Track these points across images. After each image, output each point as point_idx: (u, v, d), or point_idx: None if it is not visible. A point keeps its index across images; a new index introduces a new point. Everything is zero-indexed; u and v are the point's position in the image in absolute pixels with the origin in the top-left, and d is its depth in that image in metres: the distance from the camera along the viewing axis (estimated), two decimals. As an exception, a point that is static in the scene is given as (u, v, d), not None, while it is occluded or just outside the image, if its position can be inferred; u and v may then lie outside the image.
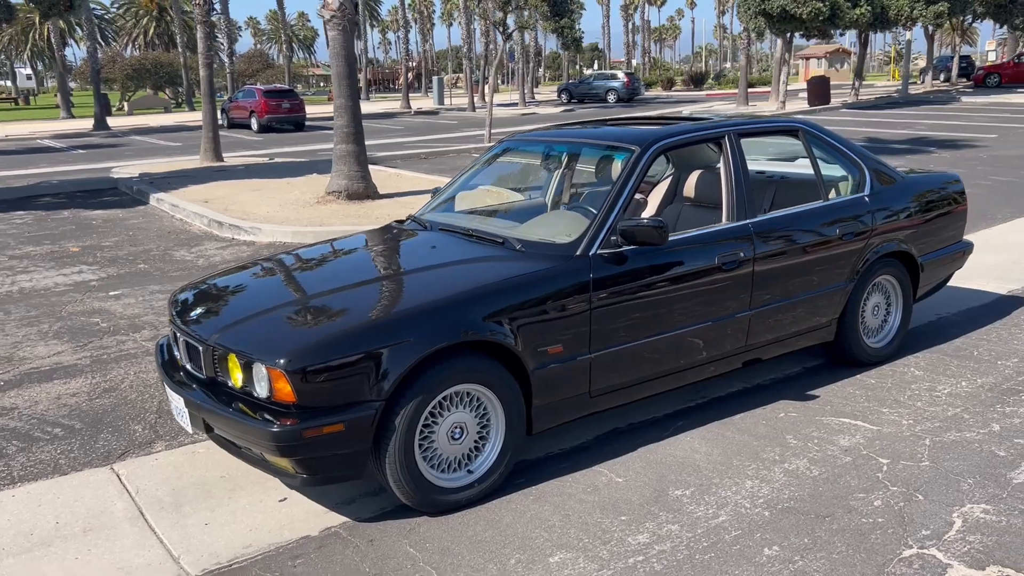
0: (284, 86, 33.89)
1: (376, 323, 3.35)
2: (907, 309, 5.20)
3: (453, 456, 3.56)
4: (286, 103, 30.41)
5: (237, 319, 3.59)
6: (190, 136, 27.43)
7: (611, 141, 4.49)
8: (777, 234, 4.47)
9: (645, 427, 4.34)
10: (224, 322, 3.60)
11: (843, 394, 4.66)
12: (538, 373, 3.66)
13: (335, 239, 4.87)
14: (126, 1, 62.42)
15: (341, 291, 3.75)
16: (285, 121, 30.24)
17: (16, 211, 11.74)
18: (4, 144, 27.52)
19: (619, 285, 3.87)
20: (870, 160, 5.07)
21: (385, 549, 3.28)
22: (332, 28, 10.13)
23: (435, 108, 40.56)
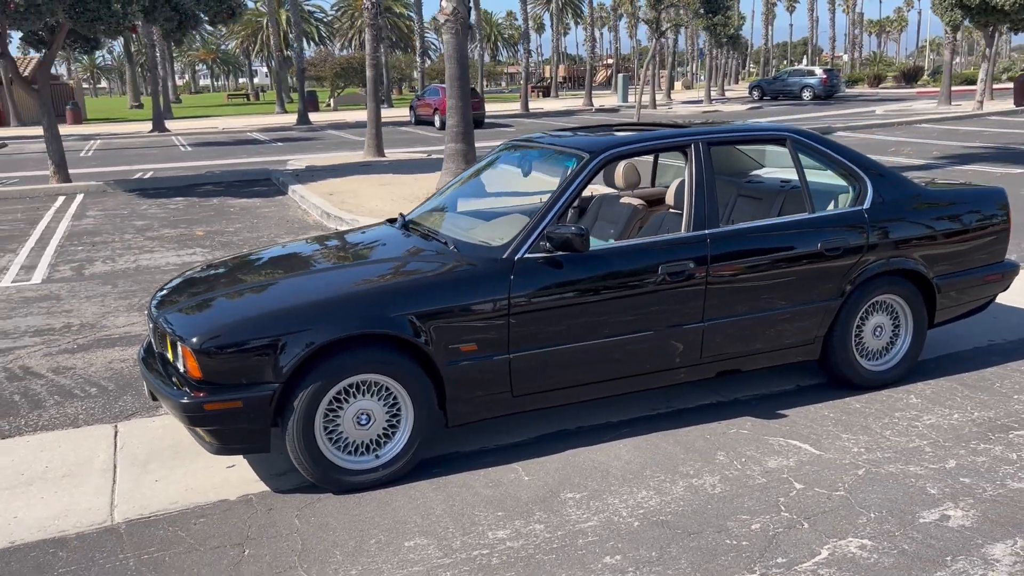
0: (466, 84, 35.06)
1: (277, 312, 3.69)
2: (919, 332, 4.86)
3: (360, 440, 3.83)
4: (466, 100, 31.56)
5: (180, 304, 4.04)
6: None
7: (565, 147, 4.55)
8: (740, 246, 4.37)
9: (592, 431, 4.40)
10: (170, 306, 4.06)
11: (814, 416, 4.47)
12: (450, 369, 3.84)
13: (323, 234, 5.26)
14: (344, 5, 66.82)
15: (273, 282, 4.12)
16: (465, 118, 31.39)
17: (176, 197, 13.22)
18: (218, 136, 30.60)
19: (544, 289, 3.97)
20: (875, 172, 4.78)
21: (276, 518, 3.61)
22: (446, 32, 10.60)
23: (616, 105, 40.56)
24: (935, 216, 4.83)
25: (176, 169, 18.27)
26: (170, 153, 24.01)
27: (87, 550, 3.41)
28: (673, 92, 54.01)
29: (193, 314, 3.83)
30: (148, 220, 11.26)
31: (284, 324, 3.62)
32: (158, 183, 14.98)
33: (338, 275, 4.20)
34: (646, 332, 4.20)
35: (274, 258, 4.70)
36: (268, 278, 4.23)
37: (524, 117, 35.78)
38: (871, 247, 4.60)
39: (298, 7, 37.27)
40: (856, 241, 4.57)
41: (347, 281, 4.01)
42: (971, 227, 4.95)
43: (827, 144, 4.75)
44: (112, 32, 12.12)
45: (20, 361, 5.80)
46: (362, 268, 4.22)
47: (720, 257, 4.29)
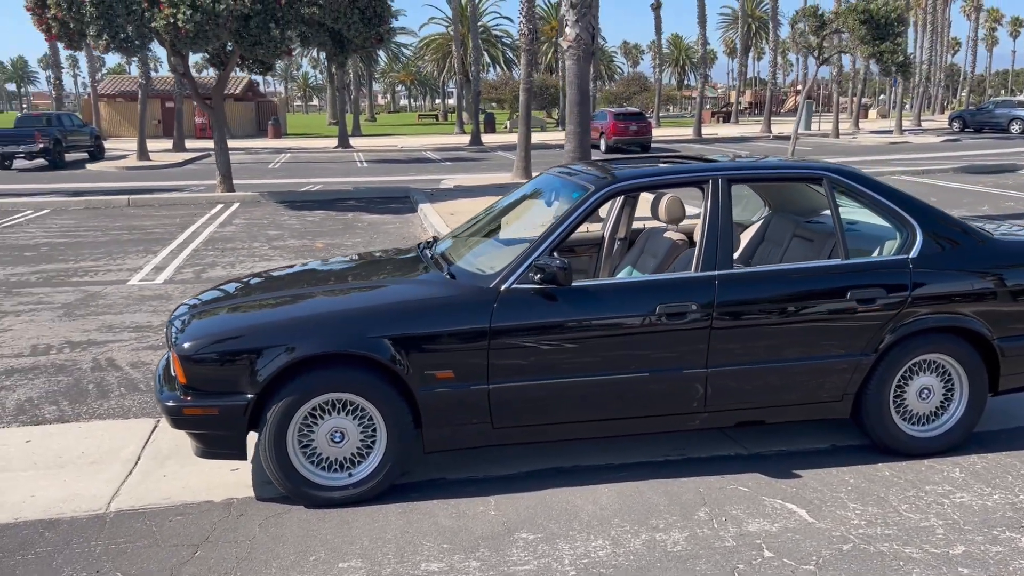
0: (634, 109, 35.00)
1: (258, 326, 3.85)
2: (976, 399, 4.36)
3: (335, 457, 3.92)
4: (633, 125, 31.46)
5: (187, 314, 4.29)
6: (540, 154, 29.67)
7: (578, 179, 4.45)
8: (752, 291, 4.11)
9: (586, 471, 4.26)
10: (180, 314, 4.32)
11: (830, 480, 4.11)
12: (425, 395, 3.86)
13: (350, 255, 5.40)
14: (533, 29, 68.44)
15: (271, 298, 4.28)
16: (632, 143, 31.27)
17: (317, 210, 14.01)
18: (395, 154, 32.20)
19: (529, 322, 3.91)
20: (928, 217, 4.34)
21: (241, 524, 3.75)
22: (568, 58, 10.63)
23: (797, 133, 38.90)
24: (1004, 270, 4.32)
25: (340, 183, 19.36)
26: (346, 168, 25.47)
27: (68, 534, 3.69)
28: (865, 120, 51.25)
29: (190, 323, 4.07)
30: (281, 230, 12.02)
31: (262, 338, 3.77)
32: (306, 196, 15.96)
33: (330, 295, 4.31)
34: (640, 374, 4.03)
35: (290, 275, 4.86)
36: (270, 294, 4.41)
37: (694, 142, 35.14)
38: (915, 300, 4.18)
39: (477, 32, 38.57)
40: (895, 292, 4.17)
41: (334, 301, 4.12)
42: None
43: (873, 186, 4.37)
44: (271, 55, 13.09)
45: (109, 354, 6.35)
46: (356, 290, 4.32)
47: (728, 301, 4.05)
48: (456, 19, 42.14)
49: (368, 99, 71.81)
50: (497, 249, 4.55)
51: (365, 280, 4.56)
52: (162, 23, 11.95)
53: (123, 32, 12.42)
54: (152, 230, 12.16)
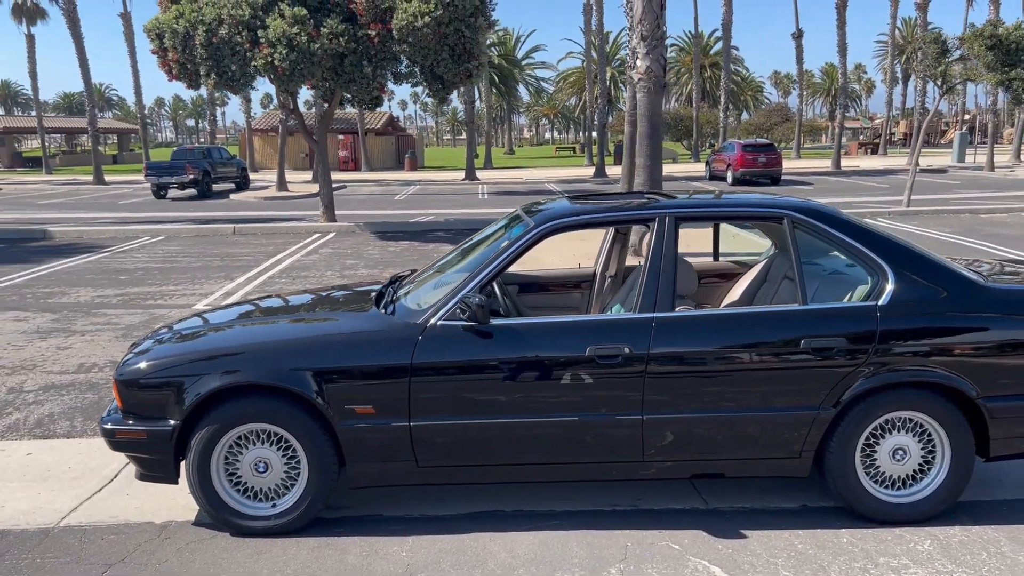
0: (764, 141, 33.89)
1: (186, 357, 3.96)
2: (961, 462, 3.92)
3: (260, 487, 3.97)
4: (762, 157, 30.54)
5: (139, 342, 4.46)
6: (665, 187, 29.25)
7: (525, 215, 4.34)
8: (692, 335, 3.87)
9: (525, 516, 4.12)
10: (137, 342, 4.50)
11: (775, 544, 3.79)
12: (345, 430, 3.85)
13: (319, 287, 5.45)
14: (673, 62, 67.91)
15: (214, 329, 4.37)
16: (760, 175, 30.37)
17: (403, 241, 14.34)
18: (517, 186, 32.60)
19: (453, 359, 3.84)
20: (902, 261, 3.95)
21: (162, 547, 3.86)
22: (639, 90, 10.46)
23: (945, 166, 36.64)
24: (992, 321, 3.88)
25: (449, 214, 19.78)
26: (465, 200, 25.99)
27: (9, 545, 3.91)
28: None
29: (135, 351, 4.24)
30: (359, 260, 12.37)
31: (187, 368, 3.89)
32: (398, 227, 16.36)
33: (263, 327, 4.37)
34: (569, 417, 3.86)
35: (247, 308, 4.89)
36: (217, 325, 4.50)
37: (830, 175, 33.70)
38: (882, 351, 3.82)
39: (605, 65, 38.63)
40: (858, 342, 3.82)
41: (262, 333, 4.19)
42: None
43: (841, 226, 4.04)
44: (364, 92, 13.61)
45: (141, 375, 6.70)
46: (293, 323, 4.38)
47: (665, 345, 3.83)
48: (588, 52, 42.39)
49: (508, 132, 73.26)
50: (443, 285, 4.50)
51: (309, 313, 4.62)
52: (261, 62, 12.69)
53: (228, 71, 13.26)
54: (242, 257, 12.83)
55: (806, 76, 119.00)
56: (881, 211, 16.97)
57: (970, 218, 16.02)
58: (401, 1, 12.69)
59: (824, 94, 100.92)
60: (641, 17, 10.16)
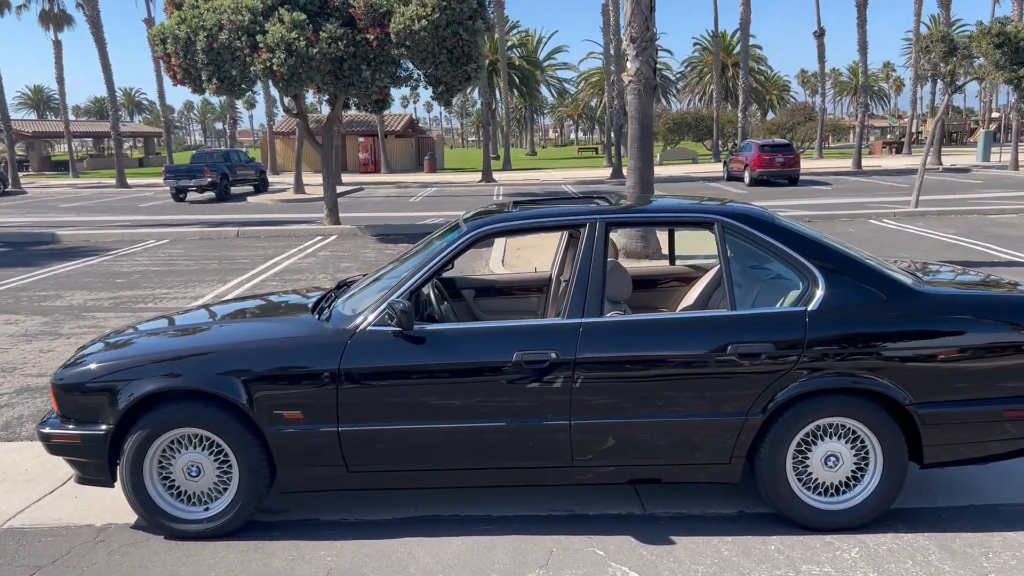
0: (782, 140, 33.57)
1: (120, 362, 4.00)
2: (894, 469, 3.87)
3: (193, 491, 4.01)
4: (779, 157, 30.24)
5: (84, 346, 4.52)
6: (678, 187, 29.17)
7: (460, 220, 4.35)
8: (619, 341, 3.86)
9: (459, 521, 4.13)
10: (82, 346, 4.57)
11: (702, 551, 3.77)
12: (274, 434, 3.88)
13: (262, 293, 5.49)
14: (696, 61, 67.60)
15: (149, 334, 4.39)
16: (778, 175, 30.09)
17: (402, 243, 14.39)
18: (533, 187, 32.57)
19: (381, 364, 3.86)
20: (835, 265, 3.90)
21: (94, 550, 3.91)
22: (629, 92, 10.42)
23: (969, 165, 36.10)
24: (926, 326, 3.83)
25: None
26: (480, 202, 25.99)
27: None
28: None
29: (75, 356, 4.30)
30: (355, 262, 12.44)
31: (119, 373, 3.94)
32: (400, 230, 16.43)
33: (200, 333, 4.40)
34: (497, 423, 3.87)
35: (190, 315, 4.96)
36: (152, 331, 4.51)
37: (850, 175, 33.30)
38: (811, 357, 3.78)
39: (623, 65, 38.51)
40: (786, 348, 3.79)
41: (198, 339, 4.23)
42: (988, 345, 3.84)
43: (772, 231, 4.00)
44: (363, 95, 13.69)
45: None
46: (226, 328, 4.42)
47: (592, 350, 3.82)
48: (607, 53, 42.28)
49: (529, 133, 73.23)
50: (379, 291, 4.52)
51: (243, 319, 4.65)
52: (260, 67, 12.82)
53: (229, 76, 13.41)
54: (240, 260, 12.95)
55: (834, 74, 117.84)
56: (887, 212, 16.77)
57: (977, 219, 15.77)
58: (399, 5, 12.76)
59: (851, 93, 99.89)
60: (630, 19, 10.13)
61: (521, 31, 67.61)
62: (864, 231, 14.61)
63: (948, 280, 4.37)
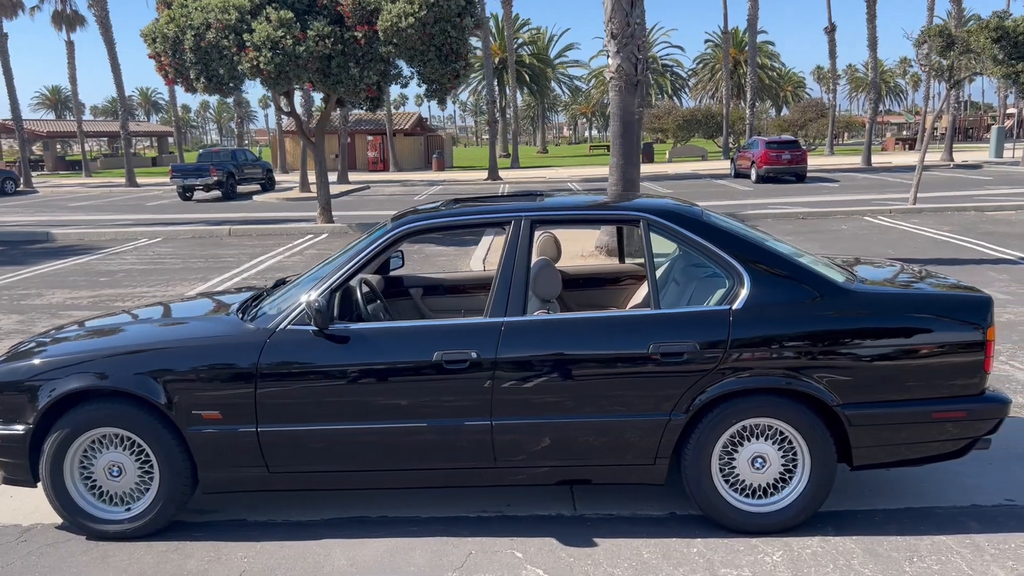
0: (788, 137, 33.28)
1: (43, 362, 3.98)
2: (822, 471, 3.79)
3: (115, 491, 3.99)
4: (786, 154, 29.94)
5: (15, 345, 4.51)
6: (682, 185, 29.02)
7: (391, 219, 4.31)
8: (541, 340, 3.80)
9: (384, 523, 4.09)
10: None
11: (623, 553, 3.71)
12: (193, 435, 3.85)
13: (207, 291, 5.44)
14: (708, 57, 67.21)
15: (78, 335, 4.36)
16: (785, 172, 29.82)
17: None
18: (539, 185, 32.43)
19: (299, 364, 3.82)
20: (762, 263, 3.82)
21: (13, 551, 3.90)
22: (612, 89, 10.33)
23: (981, 161, 35.66)
24: (853, 326, 3.75)
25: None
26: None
27: None
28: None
29: (3, 355, 4.28)
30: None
31: (40, 373, 3.92)
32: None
33: (125, 333, 4.35)
34: (418, 423, 3.82)
35: (122, 315, 4.85)
36: (78, 331, 4.48)
37: (859, 172, 32.97)
38: (734, 357, 3.71)
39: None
40: (708, 347, 3.71)
41: (122, 339, 4.19)
42: (916, 345, 3.75)
43: (697, 228, 3.92)
44: (351, 93, 13.66)
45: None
46: (149, 328, 4.38)
47: (514, 350, 3.76)
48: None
49: (541, 131, 73.09)
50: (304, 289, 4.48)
51: (168, 318, 4.60)
52: (247, 66, 12.83)
53: (217, 75, 13.42)
54: (226, 259, 12.95)
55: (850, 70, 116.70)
56: (883, 209, 16.56)
57: (974, 216, 15.53)
58: (386, 2, 12.72)
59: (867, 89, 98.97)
60: (611, 15, 10.04)
61: (532, 29, 67.51)
62: (856, 228, 14.44)
63: (882, 278, 4.28)
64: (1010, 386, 5.82)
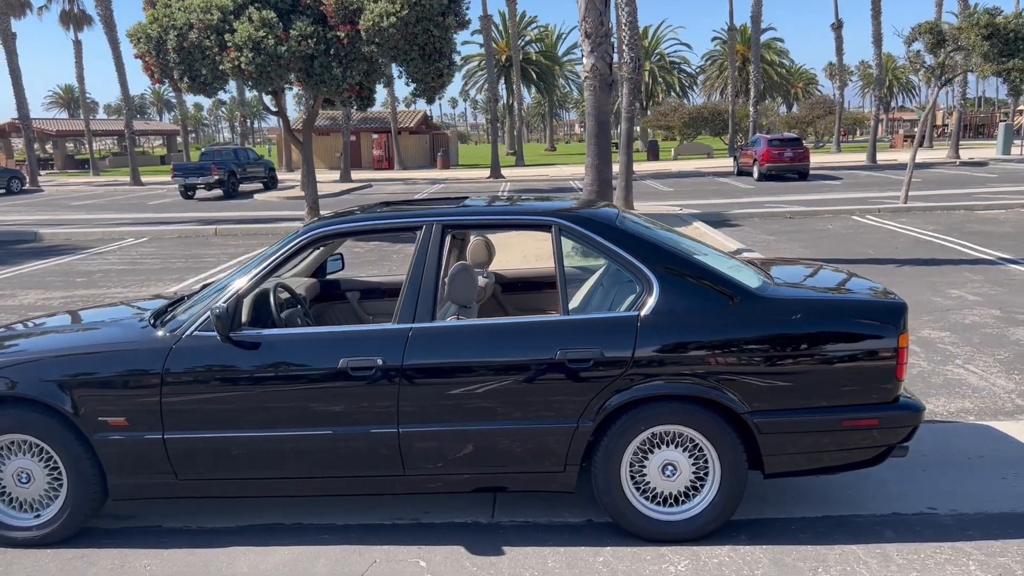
0: (790, 135, 33.08)
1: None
2: (732, 479, 3.73)
3: (25, 498, 3.97)
4: (788, 152, 29.77)
5: None
6: (683, 181, 28.91)
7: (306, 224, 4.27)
8: (448, 346, 3.76)
9: (302, 530, 4.06)
10: None
11: (528, 562, 3.66)
12: (100, 441, 3.83)
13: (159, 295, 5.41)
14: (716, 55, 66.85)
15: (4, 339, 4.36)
16: (787, 170, 29.64)
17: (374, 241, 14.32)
18: (540, 183, 32.41)
19: (205, 371, 3.79)
20: (672, 269, 3.76)
21: (-77, 555, 3.89)
22: (586, 89, 10.28)
23: (988, 159, 35.30)
24: (762, 331, 3.68)
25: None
26: (481, 198, 25.89)
27: None
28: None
29: None
30: (319, 262, 12.45)
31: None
32: (378, 227, 16.35)
33: (37, 339, 4.30)
34: (323, 431, 3.78)
35: (52, 319, 4.87)
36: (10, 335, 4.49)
37: (863, 169, 32.72)
38: (642, 363, 3.65)
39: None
40: (615, 353, 3.66)
41: (33, 345, 4.15)
42: (827, 352, 3.68)
43: (607, 233, 3.87)
44: (334, 93, 13.64)
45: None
46: (60, 335, 4.34)
47: (420, 356, 3.72)
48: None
49: (548, 128, 72.95)
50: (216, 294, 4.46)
51: (85, 325, 4.57)
52: (229, 66, 12.83)
53: (200, 75, 13.44)
54: (207, 259, 12.97)
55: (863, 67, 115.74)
56: (872, 208, 16.41)
57: (963, 215, 15.35)
58: (369, 2, 12.69)
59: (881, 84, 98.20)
60: (584, 14, 9.97)
61: (540, 26, 67.41)
62: (842, 228, 14.30)
63: (799, 282, 4.21)
64: (960, 390, 5.73)
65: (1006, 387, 5.77)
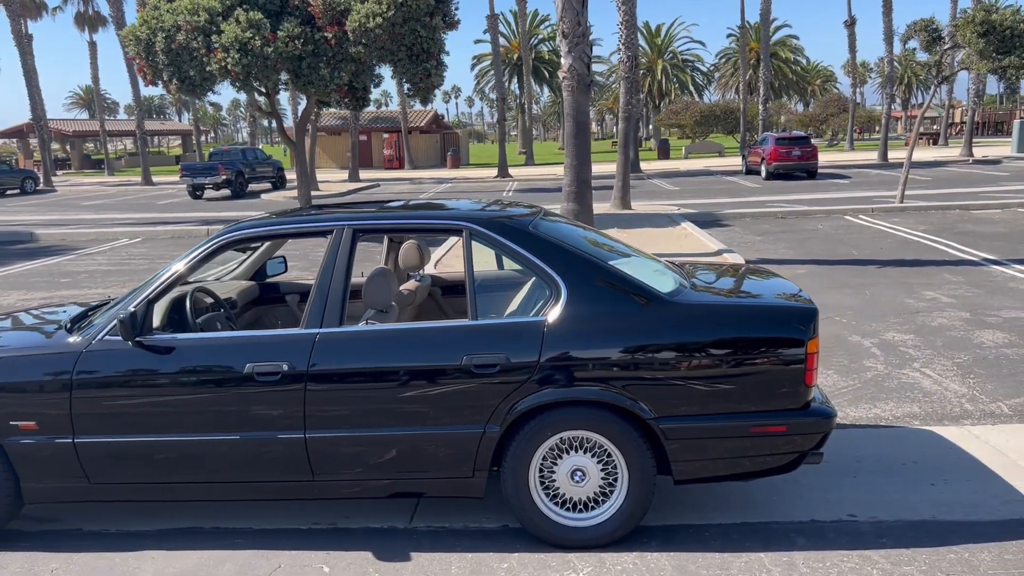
0: (799, 133, 32.87)
1: None
2: (639, 485, 3.69)
3: (-59, 501, 3.99)
4: (796, 151, 29.56)
5: None
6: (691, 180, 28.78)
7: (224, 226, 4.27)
8: (357, 352, 3.74)
9: (216, 534, 4.06)
10: None
11: (432, 568, 3.64)
12: (11, 445, 3.84)
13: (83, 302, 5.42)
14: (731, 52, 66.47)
15: None
16: (795, 168, 29.43)
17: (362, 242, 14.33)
18: (545, 183, 32.35)
19: (113, 375, 3.80)
20: (580, 274, 3.72)
21: None
22: (564, 90, 10.22)
23: (1001, 157, 34.87)
24: (670, 337, 3.63)
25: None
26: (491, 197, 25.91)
27: None
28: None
29: None
30: (305, 260, 12.43)
31: None
32: (374, 227, 16.36)
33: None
34: (230, 436, 3.78)
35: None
36: None
37: (874, 168, 32.39)
38: (547, 368, 3.62)
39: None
40: (521, 358, 3.63)
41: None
42: (735, 358, 3.63)
43: (520, 239, 3.83)
44: (322, 93, 13.69)
45: None
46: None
47: (327, 361, 3.71)
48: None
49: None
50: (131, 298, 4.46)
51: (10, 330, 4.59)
52: (216, 67, 12.89)
53: (188, 76, 13.52)
54: (193, 260, 13.01)
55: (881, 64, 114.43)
56: (866, 208, 16.23)
57: (957, 215, 15.14)
58: (356, 3, 12.71)
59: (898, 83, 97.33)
60: (562, 14, 9.92)
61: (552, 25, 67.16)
62: (832, 228, 14.15)
63: (712, 287, 4.15)
64: (911, 394, 5.65)
65: (958, 391, 5.68)
